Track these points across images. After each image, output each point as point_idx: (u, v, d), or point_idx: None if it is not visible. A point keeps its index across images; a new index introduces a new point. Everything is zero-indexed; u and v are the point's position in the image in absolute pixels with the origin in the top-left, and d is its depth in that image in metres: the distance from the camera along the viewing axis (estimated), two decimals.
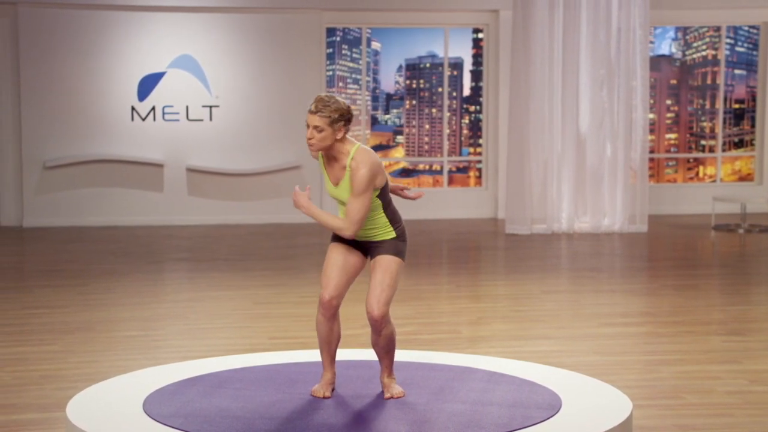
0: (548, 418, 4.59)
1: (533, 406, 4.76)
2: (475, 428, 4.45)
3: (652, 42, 15.86)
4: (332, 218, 4.86)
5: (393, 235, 4.96)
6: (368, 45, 15.41)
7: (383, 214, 4.95)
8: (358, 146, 4.86)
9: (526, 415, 4.62)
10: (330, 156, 4.88)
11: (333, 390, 5.01)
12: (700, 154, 16.35)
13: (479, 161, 15.62)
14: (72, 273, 10.29)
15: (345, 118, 4.81)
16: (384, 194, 4.94)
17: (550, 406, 4.77)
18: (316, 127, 4.76)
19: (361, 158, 4.80)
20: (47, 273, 10.38)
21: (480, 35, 15.47)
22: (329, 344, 4.99)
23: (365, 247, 5.00)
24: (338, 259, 4.94)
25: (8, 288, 9.48)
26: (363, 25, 15.21)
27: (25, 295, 9.07)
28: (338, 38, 15.35)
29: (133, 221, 14.41)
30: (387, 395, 4.93)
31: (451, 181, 15.66)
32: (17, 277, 10.37)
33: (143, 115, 14.46)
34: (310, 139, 4.78)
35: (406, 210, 15.09)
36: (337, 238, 5.00)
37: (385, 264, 4.90)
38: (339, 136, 4.80)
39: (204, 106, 14.61)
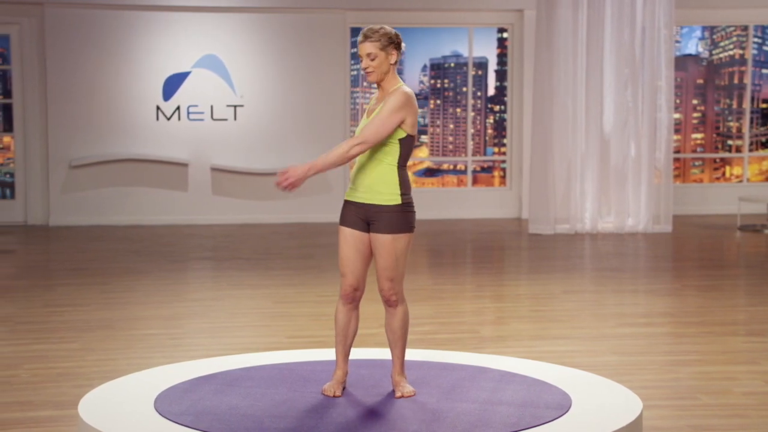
0: (557, 418, 4.58)
1: (543, 406, 4.75)
2: (484, 427, 4.44)
3: (678, 41, 15.78)
4: (335, 151, 4.74)
5: (397, 201, 4.79)
6: None
7: (396, 170, 4.82)
8: (403, 84, 4.89)
9: (535, 415, 4.61)
10: (381, 93, 4.87)
11: (344, 389, 5.01)
12: (726, 154, 16.24)
13: (503, 161, 15.59)
14: (95, 271, 10.36)
15: (394, 42, 4.83)
16: (407, 146, 4.85)
17: (560, 405, 4.75)
18: (369, 55, 4.78)
19: (401, 89, 4.83)
20: (71, 271, 10.46)
21: (505, 35, 15.45)
22: (345, 337, 4.98)
23: (366, 217, 4.86)
24: (351, 246, 4.88)
25: (33, 286, 9.55)
26: (388, 25, 15.19)
27: (49, 293, 9.14)
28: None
29: (157, 220, 14.49)
30: (398, 394, 4.93)
31: (475, 181, 15.64)
32: (42, 275, 10.44)
33: (168, 115, 14.53)
34: (366, 68, 4.79)
35: (432, 210, 15.10)
36: (343, 219, 4.92)
37: (387, 247, 4.80)
38: (392, 60, 4.82)
39: (228, 106, 14.66)
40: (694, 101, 16.29)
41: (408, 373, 5.18)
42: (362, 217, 4.88)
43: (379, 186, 4.82)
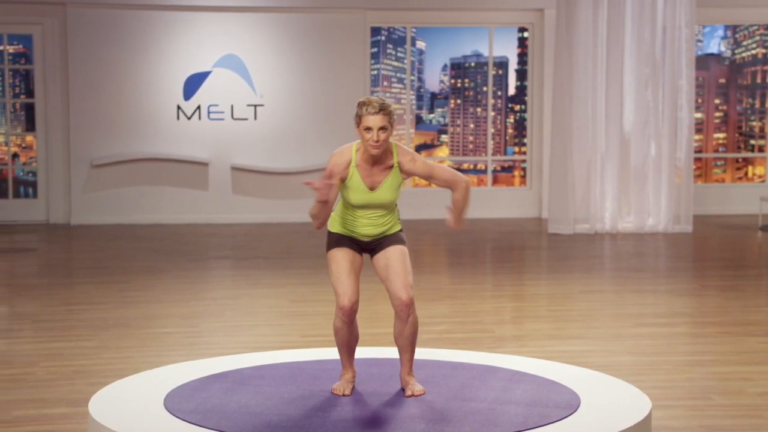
0: (565, 417, 4.57)
1: (551, 405, 4.74)
2: (491, 427, 4.44)
3: (700, 41, 15.71)
4: (464, 194, 4.94)
5: (399, 227, 5.05)
6: (413, 44, 15.42)
7: (396, 207, 5.04)
8: (394, 143, 4.91)
9: (543, 414, 4.61)
10: (373, 160, 4.85)
11: (353, 388, 5.02)
12: (748, 154, 16.16)
13: (524, 160, 15.57)
14: (114, 270, 10.41)
15: (395, 116, 4.88)
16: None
17: (569, 405, 4.75)
18: (382, 128, 4.74)
19: (406, 150, 4.93)
20: (91, 270, 10.52)
21: (525, 34, 15.42)
22: (349, 347, 5.01)
23: (368, 247, 5.00)
24: (346, 264, 4.91)
25: (53, 284, 9.62)
26: (408, 24, 15.23)
27: (68, 292, 9.20)
28: (383, 37, 15.38)
29: (178, 219, 14.55)
30: (407, 393, 4.93)
31: (495, 181, 15.63)
32: (63, 273, 10.51)
33: (189, 114, 14.60)
34: (376, 141, 4.74)
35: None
36: (336, 244, 4.96)
37: (399, 252, 4.93)
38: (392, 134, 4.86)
39: (249, 105, 14.71)
40: (717, 101, 16.21)
41: (419, 372, 5.18)
42: (362, 245, 5.00)
43: (388, 225, 4.99)
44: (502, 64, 15.62)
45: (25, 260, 11.48)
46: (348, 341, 4.98)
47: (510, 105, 15.74)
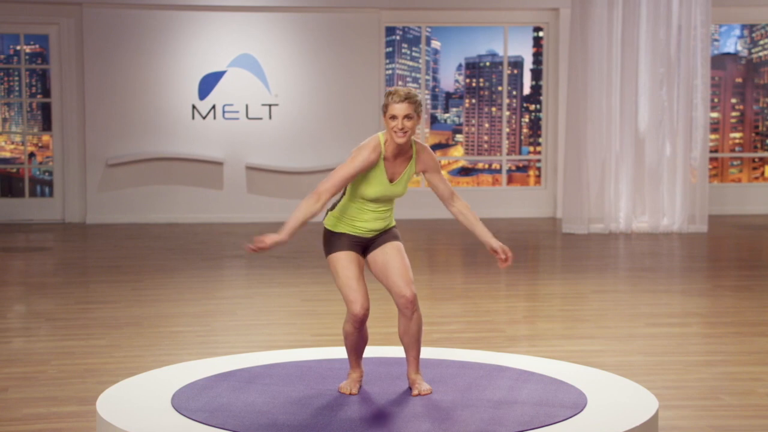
0: (571, 417, 4.57)
1: (558, 405, 4.74)
2: (497, 426, 4.44)
3: (716, 40, 15.65)
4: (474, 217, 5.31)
5: (394, 222, 5.09)
6: (428, 44, 15.42)
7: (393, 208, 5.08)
8: (412, 138, 4.96)
9: (549, 414, 4.60)
10: (397, 151, 4.86)
11: (360, 387, 5.03)
12: (765, 154, 16.09)
13: (539, 160, 15.55)
14: (129, 269, 10.45)
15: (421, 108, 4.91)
16: None
17: (575, 404, 4.74)
18: (407, 116, 4.76)
19: (422, 144, 5.00)
20: (105, 269, 10.56)
21: (540, 33, 15.40)
22: (358, 348, 5.02)
23: (366, 244, 4.98)
24: (352, 269, 4.88)
25: (68, 283, 9.67)
26: (422, 24, 15.23)
27: (81, 290, 9.25)
28: (398, 37, 15.39)
29: (193, 218, 14.59)
30: (414, 392, 4.94)
31: (510, 180, 15.61)
32: (78, 272, 10.55)
33: (204, 114, 14.64)
34: (402, 128, 4.75)
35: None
36: (339, 247, 4.92)
37: (397, 249, 4.96)
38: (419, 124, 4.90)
39: (263, 105, 14.74)
40: (733, 100, 16.15)
41: (427, 371, 5.18)
42: (362, 244, 4.98)
43: (388, 219, 5.03)
44: (517, 64, 15.60)
45: (40, 259, 11.54)
46: (357, 344, 4.99)
47: (525, 104, 15.72)
